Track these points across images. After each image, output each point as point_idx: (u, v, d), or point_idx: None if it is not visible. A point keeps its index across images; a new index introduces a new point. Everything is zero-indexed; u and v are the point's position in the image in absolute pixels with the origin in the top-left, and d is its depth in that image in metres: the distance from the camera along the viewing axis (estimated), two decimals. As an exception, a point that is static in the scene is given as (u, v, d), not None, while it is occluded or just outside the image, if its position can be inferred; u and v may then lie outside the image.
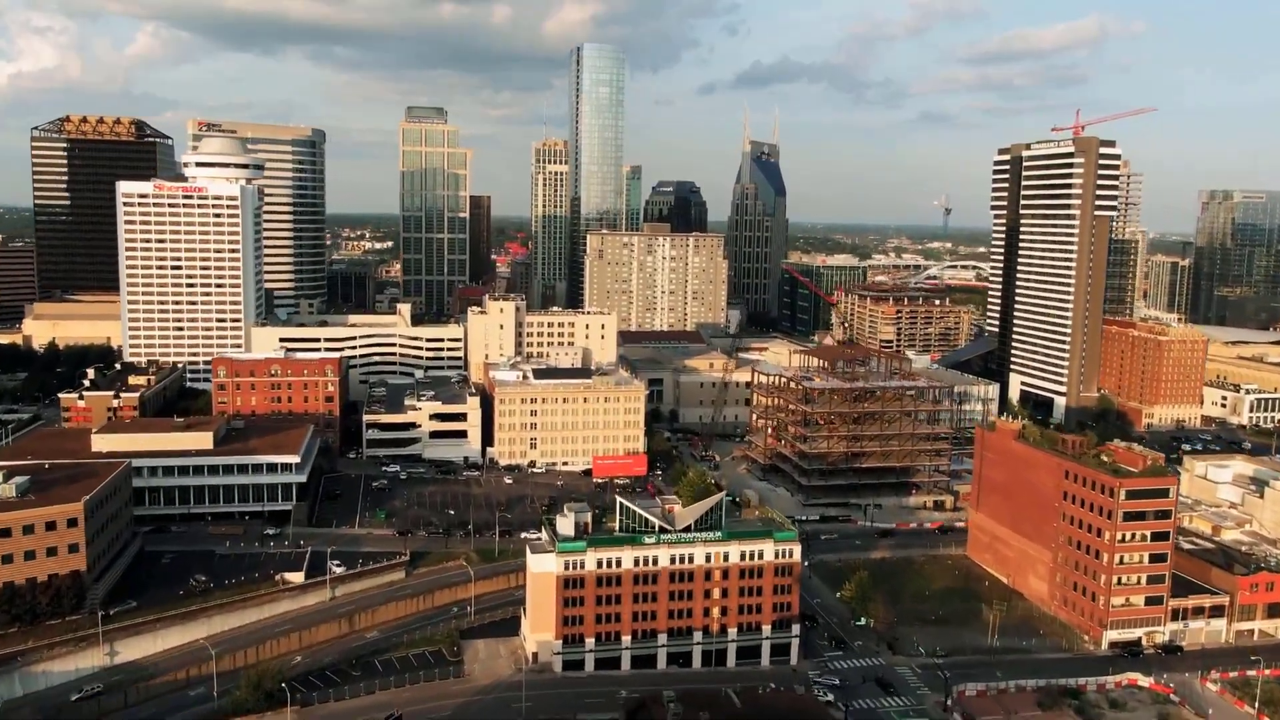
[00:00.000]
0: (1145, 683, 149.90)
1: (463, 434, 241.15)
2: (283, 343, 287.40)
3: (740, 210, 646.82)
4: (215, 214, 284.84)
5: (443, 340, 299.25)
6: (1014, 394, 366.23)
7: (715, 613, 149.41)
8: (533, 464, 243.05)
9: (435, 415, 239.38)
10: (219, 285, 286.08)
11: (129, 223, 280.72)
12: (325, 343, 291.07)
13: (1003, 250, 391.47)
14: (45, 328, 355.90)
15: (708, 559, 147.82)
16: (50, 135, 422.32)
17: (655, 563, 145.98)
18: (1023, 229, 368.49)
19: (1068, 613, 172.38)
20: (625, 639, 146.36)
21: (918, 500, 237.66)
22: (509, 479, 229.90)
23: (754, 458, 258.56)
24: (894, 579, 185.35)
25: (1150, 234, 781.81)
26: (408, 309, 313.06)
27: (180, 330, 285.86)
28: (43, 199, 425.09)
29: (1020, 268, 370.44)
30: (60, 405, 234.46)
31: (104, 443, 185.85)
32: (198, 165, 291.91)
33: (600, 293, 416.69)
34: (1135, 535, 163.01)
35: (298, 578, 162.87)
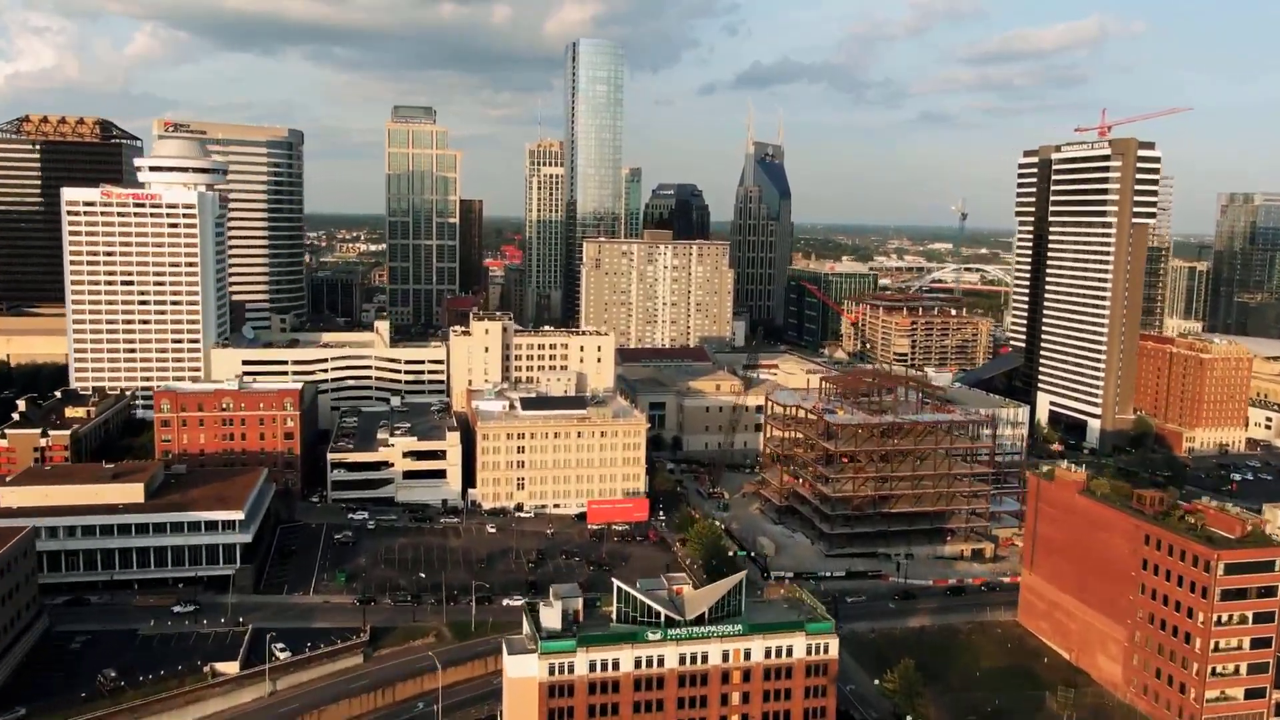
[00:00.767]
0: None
1: (441, 474, 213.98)
2: (246, 366, 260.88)
3: (743, 214, 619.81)
4: (170, 224, 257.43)
5: (423, 362, 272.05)
6: (1042, 415, 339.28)
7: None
8: (520, 507, 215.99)
9: (410, 453, 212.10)
10: (175, 303, 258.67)
11: (74, 233, 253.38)
12: (293, 366, 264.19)
13: (1029, 259, 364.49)
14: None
15: (725, 658, 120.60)
16: (8, 136, 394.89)
17: (661, 664, 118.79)
18: (1052, 236, 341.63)
19: (1148, 703, 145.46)
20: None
21: (953, 548, 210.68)
22: (492, 527, 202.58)
23: (767, 496, 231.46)
24: (938, 656, 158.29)
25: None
26: (386, 326, 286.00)
27: (132, 353, 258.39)
28: (1, 204, 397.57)
29: (1049, 278, 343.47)
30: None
31: (12, 496, 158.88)
32: (152, 170, 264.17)
33: (597, 304, 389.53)
34: (1235, 617, 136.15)
35: (232, 668, 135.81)
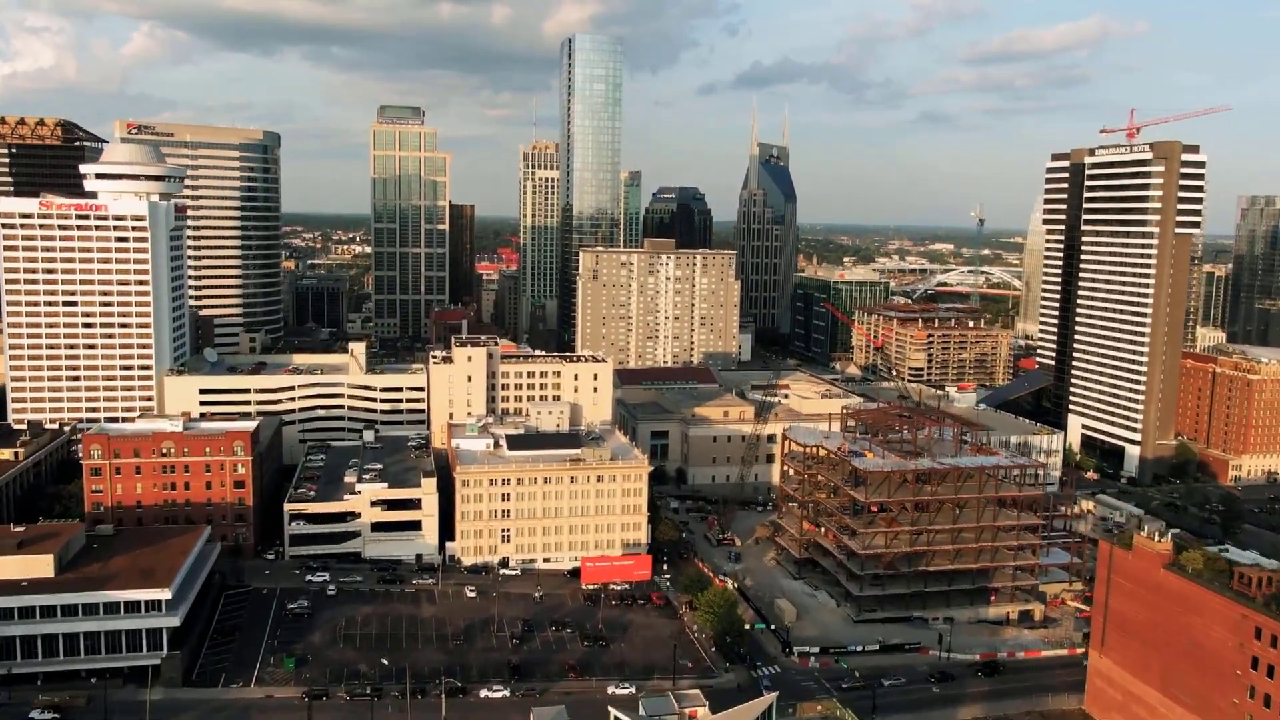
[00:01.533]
0: None
1: (415, 525, 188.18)
2: (204, 395, 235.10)
3: (747, 218, 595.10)
4: (119, 237, 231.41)
5: (402, 390, 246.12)
6: (1074, 439, 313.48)
7: None
8: (505, 562, 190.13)
9: (379, 502, 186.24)
10: (123, 325, 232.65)
11: (9, 249, 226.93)
12: (255, 395, 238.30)
13: (1059, 270, 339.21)
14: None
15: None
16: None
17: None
18: (1085, 247, 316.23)
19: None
20: None
21: (998, 610, 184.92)
22: (472, 589, 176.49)
23: (784, 545, 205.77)
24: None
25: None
26: (362, 349, 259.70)
27: (75, 381, 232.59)
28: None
29: (1082, 291, 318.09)
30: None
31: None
32: (99, 178, 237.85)
33: (595, 318, 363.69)
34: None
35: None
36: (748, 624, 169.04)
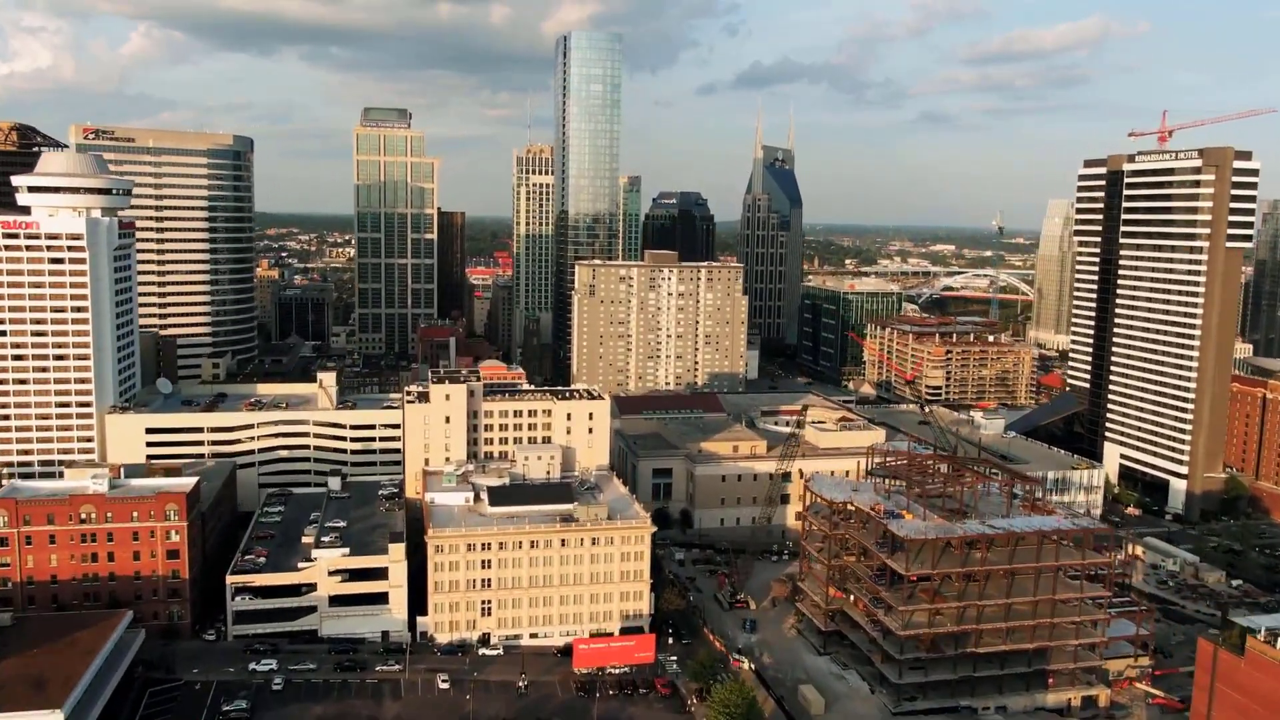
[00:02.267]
0: None
1: (381, 598, 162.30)
2: (151, 436, 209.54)
3: (751, 223, 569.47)
4: (52, 259, 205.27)
5: (374, 428, 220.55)
6: (1111, 469, 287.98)
7: None
8: (485, 639, 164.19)
9: (339, 571, 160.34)
10: (59, 358, 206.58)
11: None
12: (210, 435, 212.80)
13: (1093, 285, 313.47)
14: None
15: None
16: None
17: None
18: (1124, 261, 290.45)
19: None
20: None
21: (1058, 696, 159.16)
22: (444, 678, 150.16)
23: (806, 612, 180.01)
24: None
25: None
26: (332, 380, 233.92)
27: (5, 420, 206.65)
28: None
29: (1120, 309, 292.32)
30: None
31: None
32: (32, 191, 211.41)
33: (591, 337, 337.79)
34: None
35: None
36: (768, 716, 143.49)
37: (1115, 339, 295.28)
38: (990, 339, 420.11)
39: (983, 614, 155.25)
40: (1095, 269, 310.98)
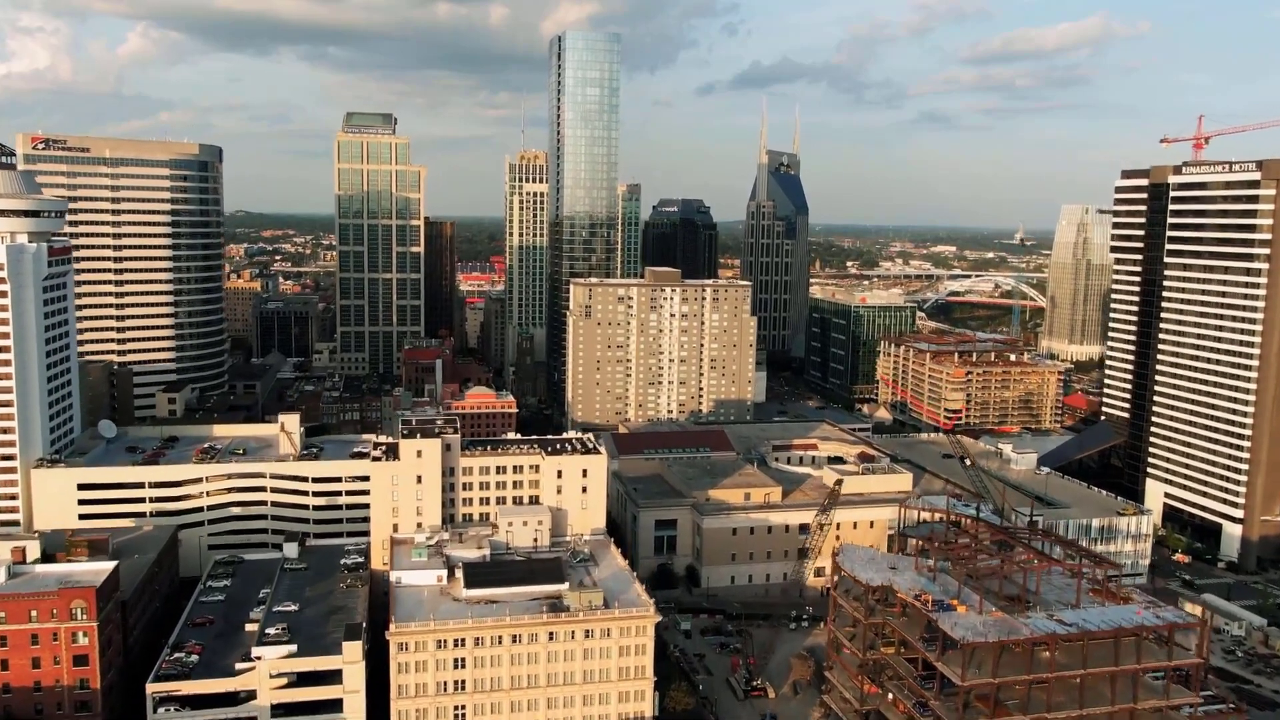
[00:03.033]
0: None
1: (335, 705, 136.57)
2: (84, 493, 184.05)
3: (755, 230, 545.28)
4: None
5: (340, 480, 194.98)
6: (1154, 509, 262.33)
7: None
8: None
9: (281, 675, 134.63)
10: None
11: None
12: (151, 491, 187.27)
13: (1134, 307, 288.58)
14: None
15: None
16: None
17: None
18: (1169, 281, 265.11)
19: None
20: None
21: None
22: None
23: (833, 707, 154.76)
24: None
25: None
26: (295, 422, 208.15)
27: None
28: None
29: (1165, 334, 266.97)
30: None
31: None
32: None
33: (588, 362, 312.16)
34: None
35: None
36: None
37: (1159, 366, 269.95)
38: (1012, 358, 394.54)
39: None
40: (1136, 289, 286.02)
